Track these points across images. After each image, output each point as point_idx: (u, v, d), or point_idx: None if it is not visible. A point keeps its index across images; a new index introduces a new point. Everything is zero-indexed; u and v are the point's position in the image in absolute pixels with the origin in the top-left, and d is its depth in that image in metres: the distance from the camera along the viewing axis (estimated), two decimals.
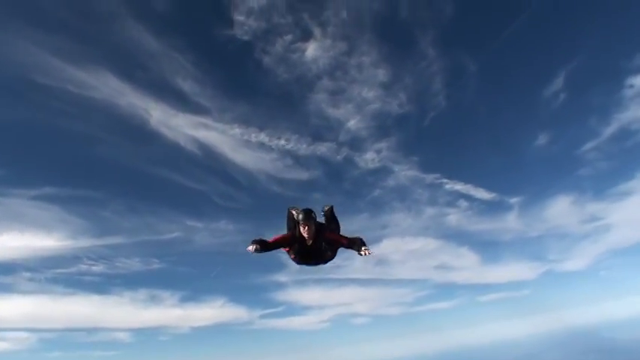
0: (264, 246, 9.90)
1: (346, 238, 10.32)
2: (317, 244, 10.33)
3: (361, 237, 9.90)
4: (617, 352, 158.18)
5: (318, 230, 10.30)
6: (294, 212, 10.74)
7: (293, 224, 10.76)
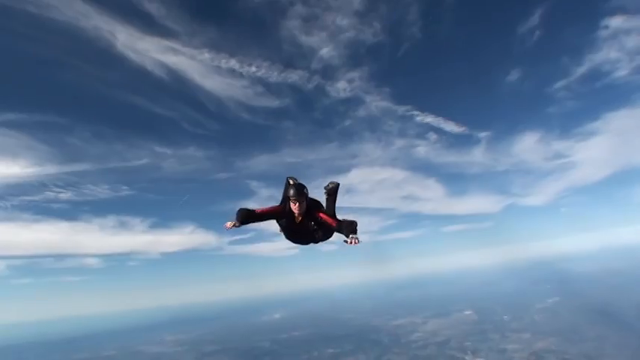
0: (248, 217, 9.11)
1: (337, 220, 9.47)
2: (306, 222, 9.55)
3: (355, 221, 9.08)
4: (568, 283, 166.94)
5: (309, 208, 9.48)
6: (290, 181, 10.03)
7: (287, 196, 9.95)
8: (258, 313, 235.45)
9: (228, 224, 8.57)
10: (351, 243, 8.74)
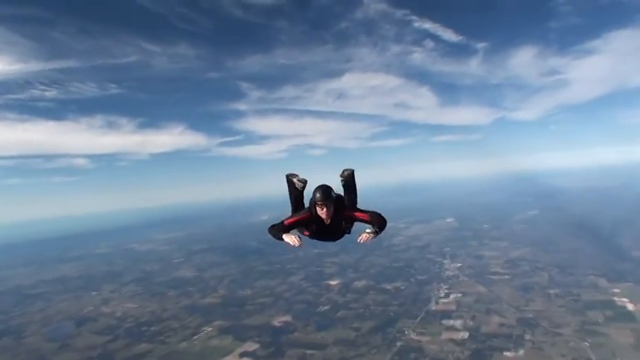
0: (285, 230, 8.06)
1: (367, 215, 8.30)
2: (336, 222, 8.46)
3: (385, 219, 8.06)
4: (549, 197, 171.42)
5: (337, 208, 8.31)
6: (295, 182, 9.06)
7: (295, 194, 9.18)
8: (246, 214, 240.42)
9: (296, 242, 7.83)
10: (361, 240, 7.94)
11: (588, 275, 76.21)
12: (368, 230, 7.78)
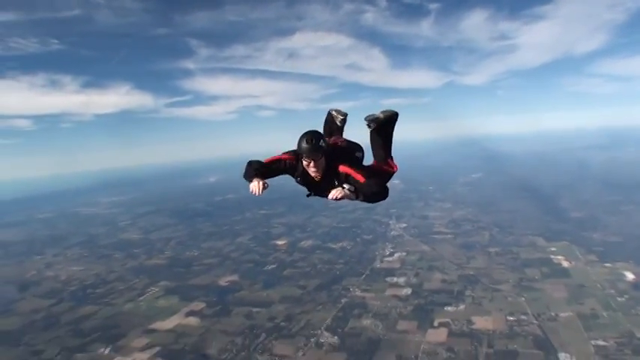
0: (263, 173, 6.12)
1: (363, 178, 5.86)
2: (329, 179, 6.15)
3: (380, 190, 5.85)
4: (494, 160, 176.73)
5: (330, 163, 6.06)
6: (334, 114, 7.44)
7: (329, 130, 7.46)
8: (193, 176, 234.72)
9: (255, 187, 5.83)
10: (331, 196, 5.62)
11: (527, 235, 78.89)
12: (345, 186, 5.52)
